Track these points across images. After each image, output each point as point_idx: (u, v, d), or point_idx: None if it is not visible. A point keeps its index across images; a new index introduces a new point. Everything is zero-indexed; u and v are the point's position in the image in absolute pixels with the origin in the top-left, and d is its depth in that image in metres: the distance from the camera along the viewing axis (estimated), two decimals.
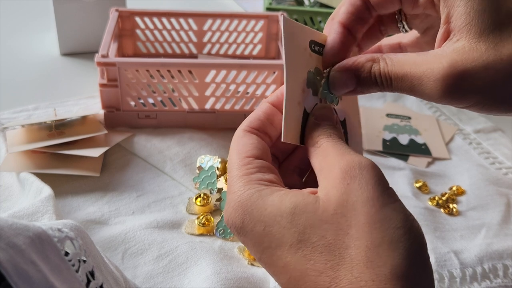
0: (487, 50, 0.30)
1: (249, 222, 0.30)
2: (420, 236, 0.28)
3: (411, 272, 0.27)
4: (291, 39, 0.33)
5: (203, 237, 0.52)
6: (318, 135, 0.33)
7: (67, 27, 0.82)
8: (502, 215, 0.57)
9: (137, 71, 0.63)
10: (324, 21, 0.85)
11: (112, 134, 0.64)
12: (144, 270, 0.47)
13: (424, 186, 0.62)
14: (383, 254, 0.27)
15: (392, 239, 0.27)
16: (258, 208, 0.30)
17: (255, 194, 0.30)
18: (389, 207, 0.28)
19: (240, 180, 0.31)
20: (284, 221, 0.29)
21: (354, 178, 0.29)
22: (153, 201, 0.56)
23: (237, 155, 0.33)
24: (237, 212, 0.31)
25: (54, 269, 0.29)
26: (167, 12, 0.78)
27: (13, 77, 0.78)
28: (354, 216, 0.28)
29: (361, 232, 0.27)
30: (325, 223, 0.28)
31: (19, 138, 0.60)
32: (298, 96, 0.33)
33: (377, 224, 0.27)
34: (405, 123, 0.75)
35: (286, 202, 0.29)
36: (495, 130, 0.75)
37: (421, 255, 0.28)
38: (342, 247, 0.27)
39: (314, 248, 0.28)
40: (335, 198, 0.28)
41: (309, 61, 0.34)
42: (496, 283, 0.50)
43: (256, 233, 0.30)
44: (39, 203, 0.48)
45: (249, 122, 0.35)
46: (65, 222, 0.34)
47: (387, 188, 0.29)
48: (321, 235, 0.28)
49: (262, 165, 0.32)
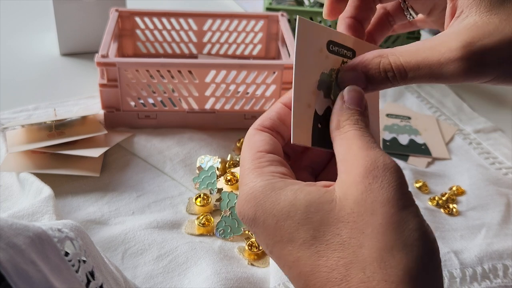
0: (501, 22, 0.30)
1: (261, 215, 0.30)
2: (433, 241, 0.28)
3: (423, 275, 0.27)
4: (304, 40, 0.32)
5: (203, 237, 0.52)
6: (345, 119, 0.32)
7: (67, 27, 0.82)
8: (502, 215, 0.57)
9: (137, 71, 0.63)
10: (324, 21, 0.85)
11: (112, 134, 0.64)
12: (144, 270, 0.47)
13: (424, 186, 0.62)
14: (397, 255, 0.27)
15: (407, 241, 0.27)
16: (271, 201, 0.29)
17: (268, 185, 0.30)
18: (407, 210, 0.28)
19: (252, 172, 0.31)
20: (298, 217, 0.29)
21: (377, 178, 0.28)
22: (153, 201, 0.56)
23: (249, 151, 0.33)
24: (249, 204, 0.30)
25: (54, 269, 0.29)
26: (167, 12, 0.78)
27: (13, 77, 0.78)
28: (372, 216, 0.28)
29: (376, 232, 0.27)
30: (341, 222, 0.28)
31: (19, 138, 0.60)
32: (308, 98, 0.33)
33: (394, 225, 0.27)
34: (405, 123, 0.75)
35: (300, 199, 0.29)
36: (495, 130, 0.75)
37: (434, 260, 0.28)
38: (356, 245, 0.27)
39: (328, 246, 0.28)
40: (354, 197, 0.28)
41: (324, 63, 0.34)
42: (496, 283, 0.50)
43: (268, 226, 0.30)
44: (39, 203, 0.48)
45: (261, 121, 0.35)
46: (65, 222, 0.34)
47: (407, 192, 0.29)
48: (335, 233, 0.28)
49: (274, 159, 0.32)
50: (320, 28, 0.33)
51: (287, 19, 0.76)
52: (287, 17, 0.78)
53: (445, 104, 0.80)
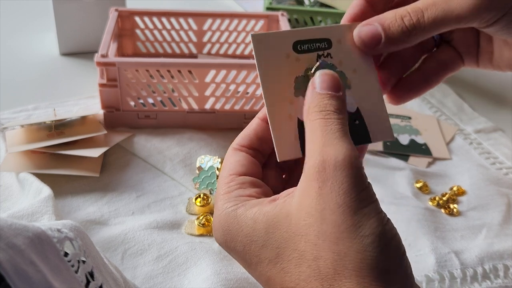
0: None
1: (230, 241, 0.31)
2: (390, 239, 0.27)
3: (381, 278, 0.26)
4: (264, 55, 0.32)
5: (203, 237, 0.52)
6: (314, 105, 0.31)
7: (67, 27, 0.82)
8: (502, 215, 0.57)
9: (137, 71, 0.63)
10: (324, 21, 0.85)
11: (111, 134, 0.64)
12: (143, 271, 0.47)
13: (424, 186, 0.62)
14: (349, 265, 0.26)
15: (359, 248, 0.26)
16: (236, 228, 0.31)
17: (232, 213, 0.31)
18: (359, 213, 0.27)
19: (221, 198, 0.32)
20: (261, 240, 0.29)
21: (326, 181, 0.27)
22: (153, 202, 0.56)
23: (222, 173, 0.34)
24: (219, 232, 0.32)
25: (54, 269, 0.29)
26: (167, 12, 0.78)
27: (13, 77, 0.78)
28: (322, 225, 0.27)
29: (328, 242, 0.27)
30: (297, 235, 0.28)
31: (19, 138, 0.59)
32: (286, 110, 0.32)
33: (344, 233, 0.26)
34: (405, 123, 0.74)
35: (259, 222, 0.30)
36: (496, 130, 0.74)
37: (393, 258, 0.27)
38: (311, 258, 0.27)
39: (290, 261, 0.28)
40: (306, 206, 0.28)
41: (295, 67, 0.33)
42: (496, 283, 0.50)
43: (238, 251, 0.31)
44: (38, 203, 0.48)
45: (238, 140, 0.35)
46: (64, 223, 0.34)
47: (362, 190, 0.27)
48: (294, 248, 0.28)
49: (243, 181, 0.33)
50: (278, 35, 0.32)
51: (287, 19, 0.76)
52: (287, 16, 0.77)
53: (445, 104, 0.80)
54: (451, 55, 0.38)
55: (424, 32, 0.31)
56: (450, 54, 0.38)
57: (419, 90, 0.37)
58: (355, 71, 0.34)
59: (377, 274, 0.26)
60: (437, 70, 0.37)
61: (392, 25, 0.31)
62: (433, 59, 0.38)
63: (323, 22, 0.85)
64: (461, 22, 0.31)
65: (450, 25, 0.31)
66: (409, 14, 0.31)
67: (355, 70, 0.34)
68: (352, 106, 0.34)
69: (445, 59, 0.37)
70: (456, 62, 0.38)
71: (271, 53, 0.32)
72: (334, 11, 0.84)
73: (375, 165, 0.65)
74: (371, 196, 0.28)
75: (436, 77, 0.37)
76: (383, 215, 0.28)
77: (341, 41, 0.34)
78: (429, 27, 0.31)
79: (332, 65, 0.34)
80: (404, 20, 0.31)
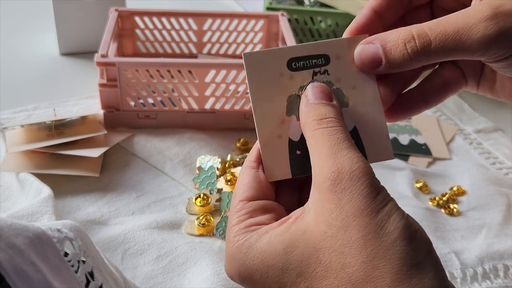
0: None
1: (246, 273, 0.30)
2: (416, 231, 0.27)
3: (413, 270, 0.26)
4: (256, 74, 0.31)
5: (203, 237, 0.52)
6: (312, 115, 0.31)
7: (67, 27, 0.82)
8: (502, 215, 0.57)
9: (136, 71, 0.63)
10: (324, 21, 0.85)
11: (111, 134, 0.64)
12: (143, 271, 0.47)
13: (424, 186, 0.62)
14: (380, 264, 0.26)
15: (387, 246, 0.26)
16: (250, 258, 0.30)
17: (244, 244, 0.31)
18: (381, 212, 0.27)
19: (231, 230, 0.32)
20: (279, 263, 0.29)
21: (345, 190, 0.28)
22: (153, 202, 0.56)
23: (233, 199, 0.33)
24: (232, 265, 0.31)
25: (54, 269, 0.29)
26: (167, 12, 0.78)
27: (13, 77, 0.78)
28: (346, 233, 0.27)
29: (355, 248, 0.27)
30: (319, 249, 0.28)
31: (19, 138, 0.59)
32: (276, 131, 0.32)
33: (371, 235, 0.27)
34: (405, 123, 0.74)
35: (275, 244, 0.29)
36: (496, 130, 0.74)
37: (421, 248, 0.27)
38: (338, 268, 0.27)
39: (314, 277, 0.28)
40: (325, 219, 0.28)
41: (289, 85, 0.32)
42: (496, 283, 0.50)
43: (256, 281, 0.30)
44: (38, 203, 0.48)
45: (251, 156, 0.34)
46: (64, 223, 0.34)
47: (379, 192, 0.28)
48: (317, 262, 0.28)
49: (254, 208, 0.32)
50: (272, 53, 0.31)
51: (287, 19, 0.76)
52: (287, 16, 0.77)
53: (445, 104, 0.80)
54: (455, 74, 0.36)
55: (428, 60, 0.30)
56: (454, 72, 0.36)
57: (418, 109, 0.36)
58: (354, 87, 0.33)
59: (408, 267, 0.26)
60: (439, 88, 0.36)
61: (394, 50, 0.30)
62: (437, 76, 0.36)
63: (323, 22, 0.85)
64: (469, 55, 0.30)
65: (457, 57, 0.30)
66: (414, 39, 0.30)
67: (355, 86, 0.33)
68: (349, 125, 0.33)
69: (449, 77, 0.36)
70: (459, 82, 0.36)
71: (264, 72, 0.31)
72: (334, 11, 0.84)
73: (375, 165, 0.64)
74: (387, 195, 0.28)
75: (438, 96, 0.36)
76: (402, 211, 0.28)
77: (340, 57, 0.33)
78: (434, 56, 0.30)
79: (329, 82, 0.33)
80: (407, 47, 0.30)
